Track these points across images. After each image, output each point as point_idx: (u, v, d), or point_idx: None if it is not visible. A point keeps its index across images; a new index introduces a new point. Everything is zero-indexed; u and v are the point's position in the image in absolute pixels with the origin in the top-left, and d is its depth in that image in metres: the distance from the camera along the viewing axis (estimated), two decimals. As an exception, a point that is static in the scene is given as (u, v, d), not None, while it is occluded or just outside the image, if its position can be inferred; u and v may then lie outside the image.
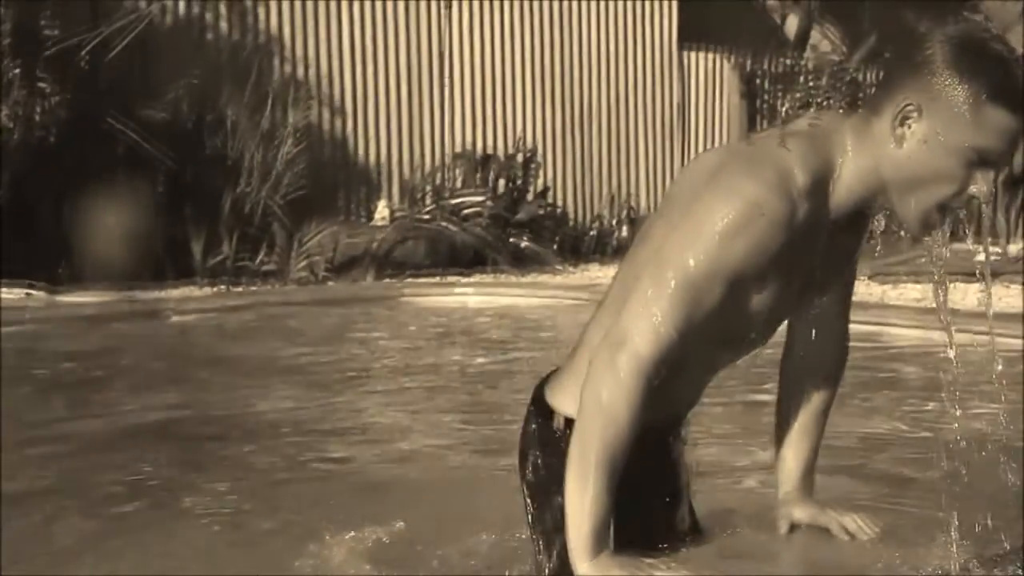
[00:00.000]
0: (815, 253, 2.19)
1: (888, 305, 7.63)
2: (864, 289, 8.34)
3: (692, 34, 12.59)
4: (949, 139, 2.11)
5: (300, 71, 10.58)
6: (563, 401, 2.28)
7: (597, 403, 2.08)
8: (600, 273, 10.13)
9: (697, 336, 2.12)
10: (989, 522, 2.36)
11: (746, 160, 2.15)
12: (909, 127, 2.13)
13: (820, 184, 2.14)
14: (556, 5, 11.77)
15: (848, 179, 2.17)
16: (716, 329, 2.15)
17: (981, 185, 2.13)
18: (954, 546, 2.28)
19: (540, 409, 2.33)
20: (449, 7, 11.00)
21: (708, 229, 2.08)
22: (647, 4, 12.28)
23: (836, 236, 2.22)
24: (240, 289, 9.13)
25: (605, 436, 2.07)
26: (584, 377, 2.15)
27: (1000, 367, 2.50)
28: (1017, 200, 9.53)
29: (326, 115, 10.73)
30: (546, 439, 2.29)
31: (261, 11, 10.46)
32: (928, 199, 2.15)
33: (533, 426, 2.35)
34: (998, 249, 8.51)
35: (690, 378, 2.28)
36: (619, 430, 2.08)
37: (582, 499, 2.07)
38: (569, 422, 2.21)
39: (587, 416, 2.09)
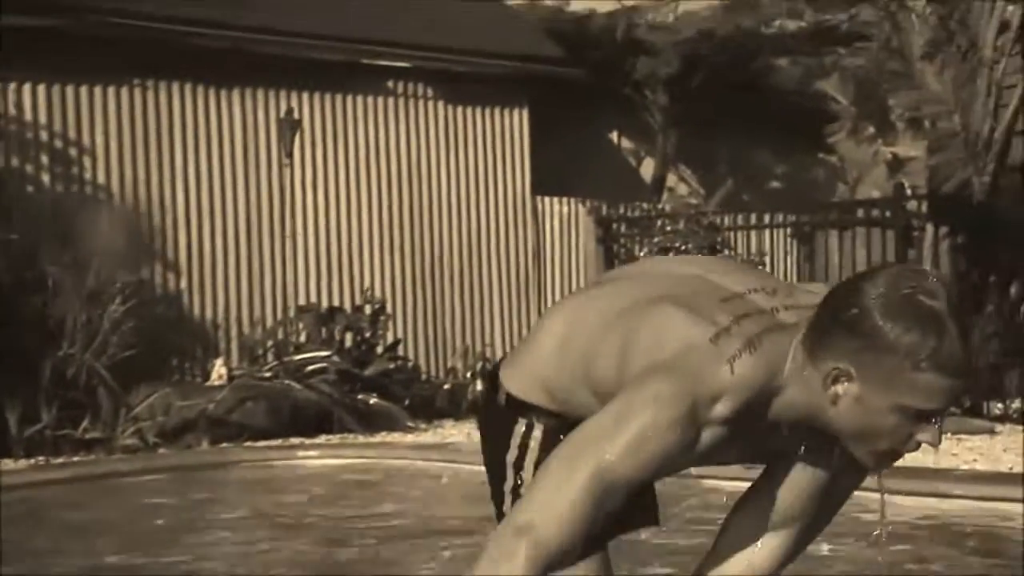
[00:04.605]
0: (742, 448, 2.25)
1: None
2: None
3: (546, 180, 12.33)
4: (882, 402, 2.11)
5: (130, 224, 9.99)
6: (510, 380, 2.43)
7: None
8: (454, 431, 9.58)
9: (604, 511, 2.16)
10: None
11: (688, 370, 2.14)
12: (842, 387, 2.12)
13: (755, 409, 2.17)
14: (404, 157, 11.41)
15: (789, 406, 2.19)
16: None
17: (926, 435, 2.13)
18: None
19: (493, 382, 2.48)
20: (290, 159, 10.54)
21: (631, 432, 2.11)
22: (499, 153, 11.99)
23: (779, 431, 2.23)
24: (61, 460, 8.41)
25: None
26: (534, 354, 2.38)
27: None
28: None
29: (158, 271, 10.13)
30: (490, 408, 2.48)
31: (87, 162, 9.89)
32: (873, 446, 2.16)
33: (484, 395, 2.55)
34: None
35: None
36: None
37: None
38: (509, 399, 2.41)
39: None
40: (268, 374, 9.70)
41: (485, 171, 11.90)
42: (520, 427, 2.42)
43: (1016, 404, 8.57)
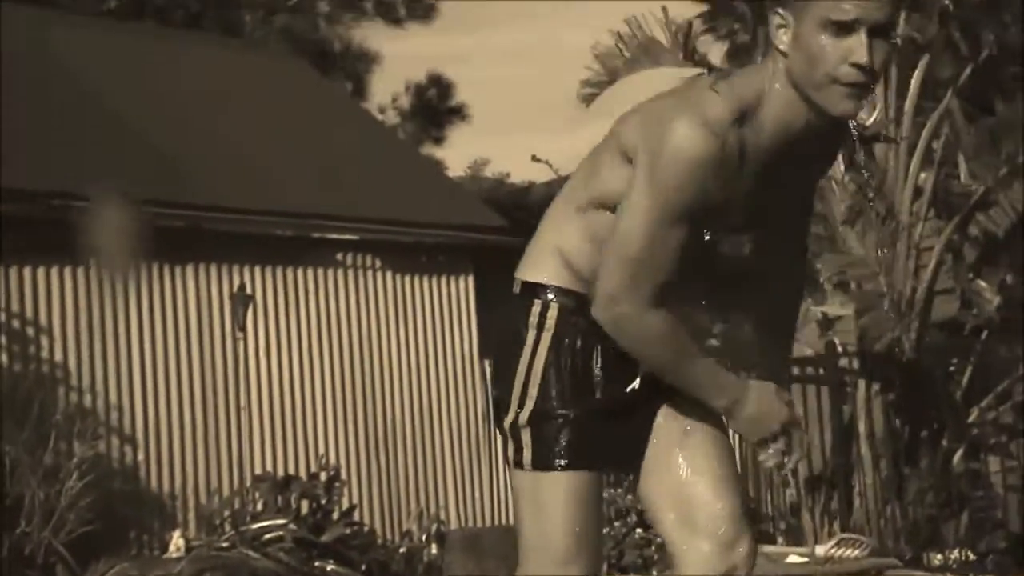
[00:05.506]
0: (757, 181, 2.50)
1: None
2: None
3: (493, 343, 12.56)
4: (808, 25, 2.39)
5: (87, 400, 10.15)
6: (522, 271, 2.76)
7: (643, 343, 2.52)
8: (411, 597, 9.69)
9: (670, 271, 2.48)
10: None
11: (679, 102, 2.45)
12: (786, 35, 2.44)
13: (747, 113, 2.45)
14: (354, 326, 11.68)
15: (774, 107, 2.46)
16: (682, 263, 2.49)
17: (856, 56, 2.37)
18: None
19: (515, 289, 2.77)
20: (243, 332, 10.77)
21: (652, 181, 2.41)
22: (447, 319, 12.28)
23: (783, 168, 2.51)
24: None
25: (668, 346, 2.51)
26: (541, 241, 2.73)
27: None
28: (820, 500, 9.55)
29: (116, 445, 10.27)
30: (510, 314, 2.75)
31: (44, 341, 10.09)
32: (824, 77, 2.39)
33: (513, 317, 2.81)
34: (806, 550, 8.44)
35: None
36: (669, 335, 2.50)
37: (699, 375, 2.54)
38: (524, 287, 2.73)
39: (648, 351, 2.53)
40: (226, 544, 9.76)
41: (433, 337, 12.18)
42: (536, 307, 2.71)
43: (955, 554, 8.80)
